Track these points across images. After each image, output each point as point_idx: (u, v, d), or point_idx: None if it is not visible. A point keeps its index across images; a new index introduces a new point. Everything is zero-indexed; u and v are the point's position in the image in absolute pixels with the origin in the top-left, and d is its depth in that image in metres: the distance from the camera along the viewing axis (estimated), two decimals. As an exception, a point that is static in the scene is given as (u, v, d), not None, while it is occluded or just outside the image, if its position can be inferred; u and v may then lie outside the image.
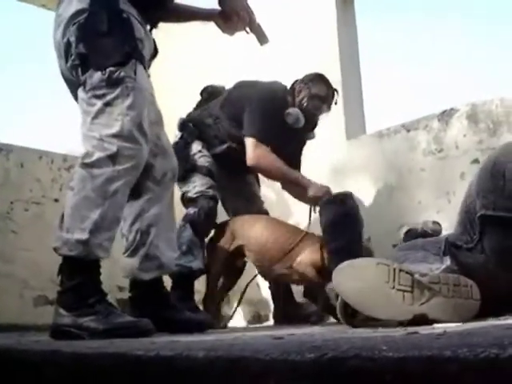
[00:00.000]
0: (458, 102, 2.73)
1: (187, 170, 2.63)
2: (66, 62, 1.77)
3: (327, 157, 3.10)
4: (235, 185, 2.88)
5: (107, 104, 1.69)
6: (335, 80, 2.90)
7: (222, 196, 2.77)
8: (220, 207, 2.75)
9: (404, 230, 2.12)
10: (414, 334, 0.91)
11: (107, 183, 1.65)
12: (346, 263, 1.45)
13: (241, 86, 2.77)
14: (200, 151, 2.71)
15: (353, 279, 1.40)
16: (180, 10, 2.18)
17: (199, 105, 2.95)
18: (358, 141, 3.13)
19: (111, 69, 1.69)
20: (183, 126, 2.79)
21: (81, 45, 1.70)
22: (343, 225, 2.30)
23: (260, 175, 2.93)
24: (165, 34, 2.30)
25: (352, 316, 1.46)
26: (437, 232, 2.04)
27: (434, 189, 2.70)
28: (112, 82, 1.69)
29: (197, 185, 2.63)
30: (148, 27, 1.92)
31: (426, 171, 2.75)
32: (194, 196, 2.61)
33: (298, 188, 2.67)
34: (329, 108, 2.78)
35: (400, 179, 2.84)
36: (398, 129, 2.92)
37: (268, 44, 2.24)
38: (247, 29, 2.19)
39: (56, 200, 3.08)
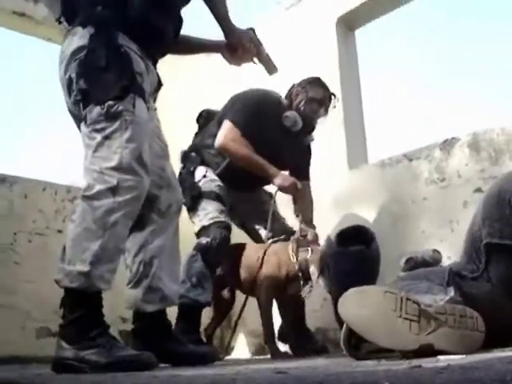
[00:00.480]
0: (460, 130, 2.74)
1: (194, 198, 2.59)
2: (70, 97, 1.81)
3: (329, 186, 3.10)
4: (253, 208, 2.84)
5: (106, 137, 1.72)
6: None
7: (242, 218, 2.79)
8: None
9: (404, 259, 2.08)
10: (417, 368, 0.90)
11: (107, 214, 1.66)
12: (352, 290, 1.44)
13: (233, 98, 2.75)
14: (204, 176, 2.67)
15: (359, 306, 1.39)
16: (187, 42, 2.21)
17: (198, 132, 2.95)
18: (360, 170, 3.13)
19: (110, 103, 1.71)
20: (185, 157, 2.79)
21: (81, 81, 1.74)
22: (361, 277, 2.11)
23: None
24: (170, 66, 2.32)
25: (356, 348, 1.45)
26: (437, 261, 2.03)
27: (436, 218, 2.69)
28: (110, 116, 1.71)
29: (208, 211, 2.56)
30: (150, 62, 1.94)
31: (429, 200, 2.75)
32: (207, 223, 2.53)
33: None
34: (326, 111, 2.77)
35: (402, 208, 2.84)
36: (399, 158, 2.93)
37: (277, 73, 2.26)
38: (255, 59, 2.22)
39: (59, 231, 3.08)
